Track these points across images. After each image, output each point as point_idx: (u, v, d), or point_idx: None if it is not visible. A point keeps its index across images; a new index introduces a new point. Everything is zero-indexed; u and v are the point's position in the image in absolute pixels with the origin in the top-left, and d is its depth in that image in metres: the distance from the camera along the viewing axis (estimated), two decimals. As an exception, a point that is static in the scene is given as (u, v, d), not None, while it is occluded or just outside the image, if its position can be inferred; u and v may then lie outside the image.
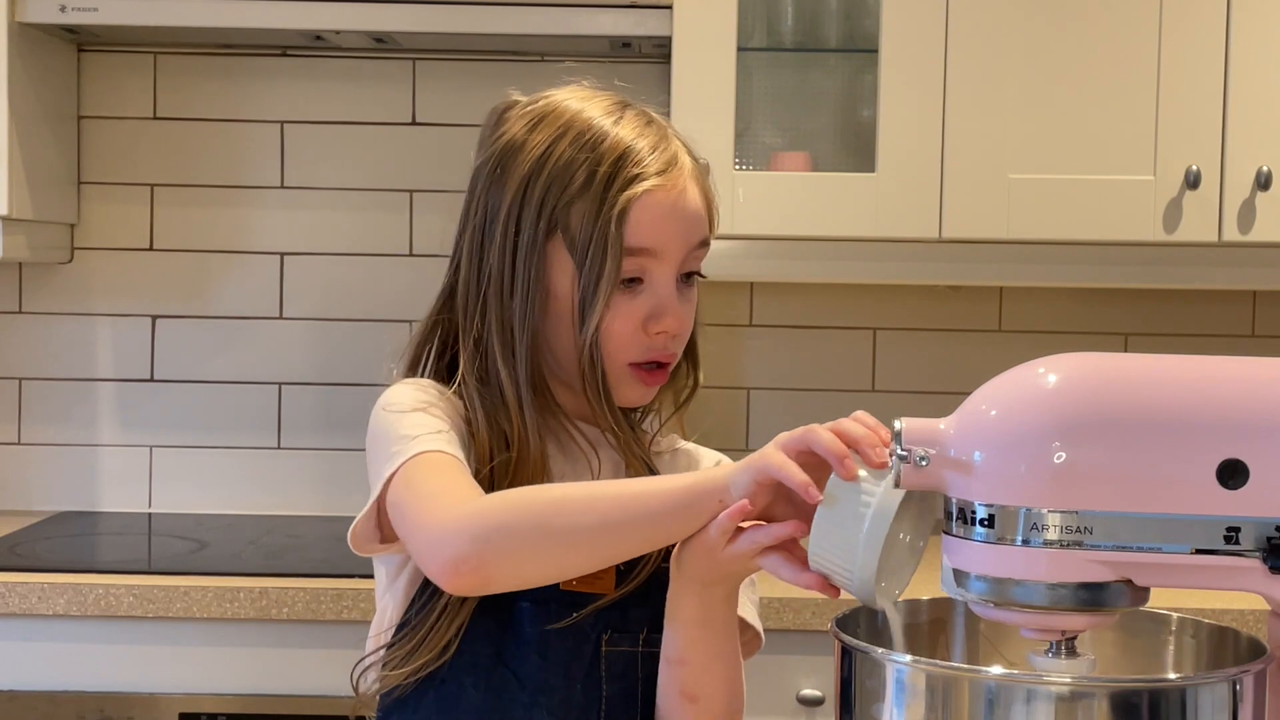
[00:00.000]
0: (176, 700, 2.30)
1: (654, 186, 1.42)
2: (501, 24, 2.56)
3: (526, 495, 1.32)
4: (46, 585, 2.28)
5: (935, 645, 1.29)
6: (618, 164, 1.42)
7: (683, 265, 1.45)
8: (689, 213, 1.45)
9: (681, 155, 1.47)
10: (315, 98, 2.91)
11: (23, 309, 2.92)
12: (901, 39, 2.56)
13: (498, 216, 1.44)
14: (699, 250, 1.46)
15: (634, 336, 1.43)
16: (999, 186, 2.56)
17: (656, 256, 1.42)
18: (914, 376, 2.94)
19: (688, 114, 2.55)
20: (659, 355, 1.45)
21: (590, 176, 1.41)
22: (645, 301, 1.43)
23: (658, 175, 1.43)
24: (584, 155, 1.42)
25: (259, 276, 2.92)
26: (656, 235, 1.42)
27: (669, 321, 1.43)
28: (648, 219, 1.42)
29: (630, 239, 1.41)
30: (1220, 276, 2.61)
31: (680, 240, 1.44)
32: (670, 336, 1.44)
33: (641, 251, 1.42)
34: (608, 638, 1.41)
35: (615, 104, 1.48)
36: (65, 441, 2.92)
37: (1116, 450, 1.07)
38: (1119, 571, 1.09)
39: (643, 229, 1.41)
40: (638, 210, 1.41)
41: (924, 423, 1.13)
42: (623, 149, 1.43)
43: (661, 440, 1.55)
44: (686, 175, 1.46)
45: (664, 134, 1.47)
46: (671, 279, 1.43)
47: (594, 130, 1.43)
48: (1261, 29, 2.55)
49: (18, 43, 2.58)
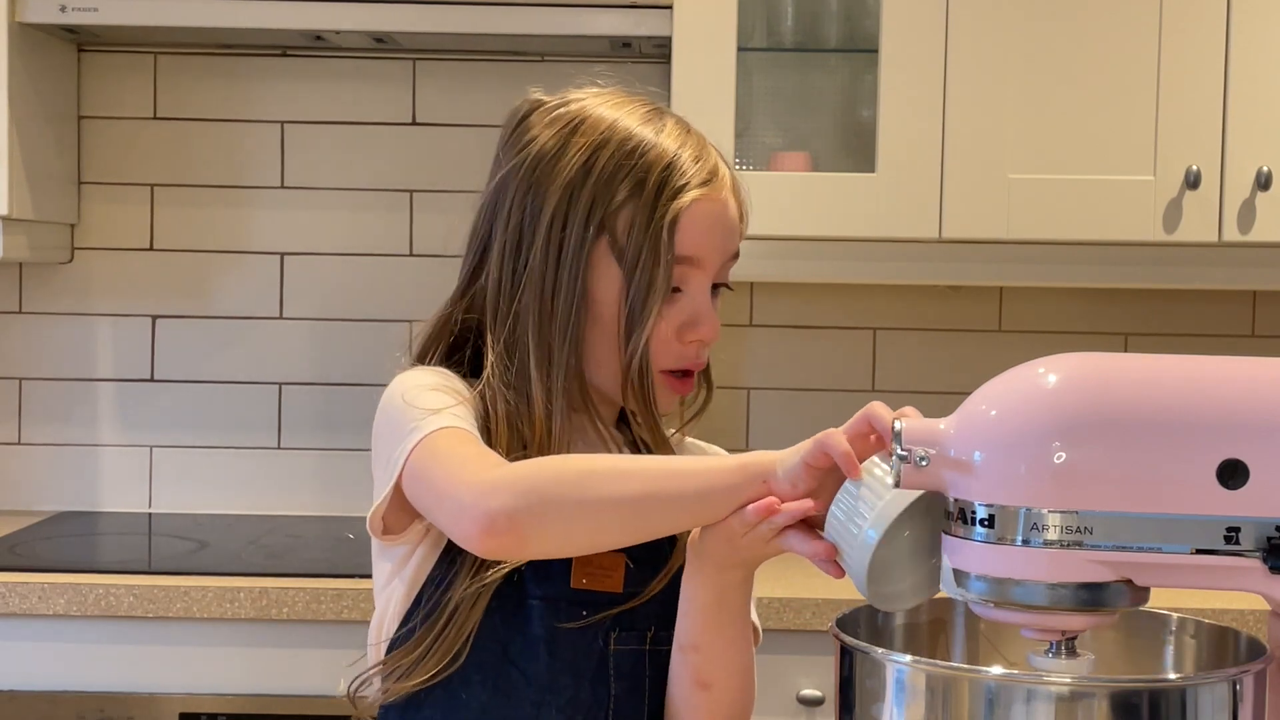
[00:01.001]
0: (176, 700, 2.30)
1: (701, 196, 1.43)
2: (501, 24, 2.56)
3: (569, 461, 1.33)
4: (46, 585, 2.28)
5: (935, 645, 1.29)
6: (665, 173, 1.43)
7: (718, 275, 1.47)
8: (730, 223, 1.47)
9: (721, 166, 1.48)
10: (315, 98, 2.91)
11: (23, 309, 2.92)
12: (901, 39, 2.56)
13: (538, 223, 1.44)
14: (732, 261, 1.48)
15: (669, 344, 1.44)
16: (999, 186, 2.56)
17: (698, 266, 1.44)
18: (914, 376, 2.94)
19: (688, 114, 2.52)
20: (690, 363, 1.46)
21: (638, 185, 1.42)
22: (682, 310, 1.44)
23: (702, 185, 1.44)
24: (629, 163, 1.43)
25: (259, 276, 2.92)
26: (700, 245, 1.43)
27: (704, 330, 1.45)
28: (694, 228, 1.43)
29: (678, 248, 1.42)
30: (1220, 276, 2.61)
31: (720, 250, 1.46)
32: (703, 345, 1.46)
33: (685, 260, 1.43)
34: (616, 636, 1.41)
35: (651, 111, 1.49)
36: (65, 441, 2.92)
37: (1116, 450, 1.07)
38: (1119, 571, 1.09)
39: (689, 238, 1.43)
40: (686, 219, 1.42)
41: (924, 423, 1.13)
42: (669, 159, 1.44)
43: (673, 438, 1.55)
44: (727, 187, 1.47)
45: (703, 144, 1.48)
46: (708, 288, 1.46)
47: (636, 139, 1.44)
48: (1261, 29, 2.55)
49: (18, 43, 2.58)
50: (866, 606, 1.25)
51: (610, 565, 1.41)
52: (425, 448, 1.32)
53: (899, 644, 1.25)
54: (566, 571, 1.40)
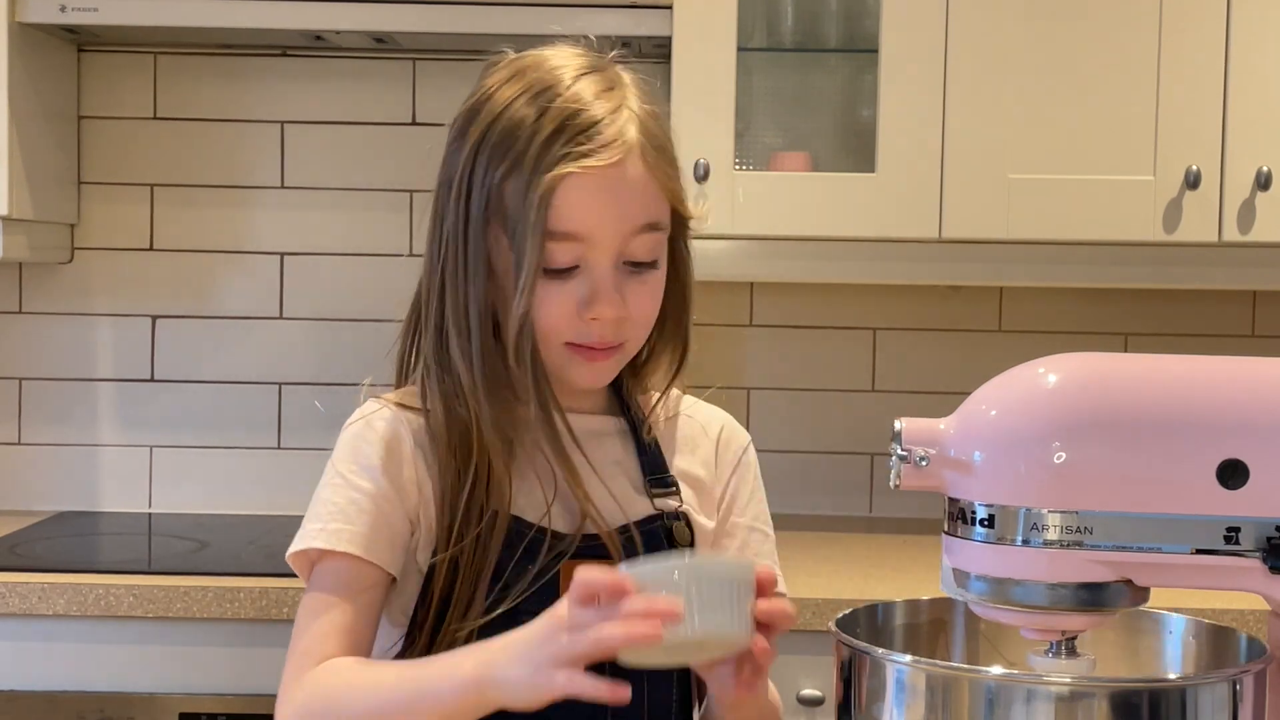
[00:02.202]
0: (176, 700, 2.30)
1: (581, 169, 1.34)
2: (501, 24, 2.56)
3: (331, 681, 1.34)
4: (46, 585, 2.28)
5: (935, 645, 1.29)
6: (552, 138, 1.35)
7: (625, 251, 1.37)
8: (624, 195, 1.36)
9: (629, 131, 1.37)
10: (315, 98, 2.91)
11: (23, 309, 2.92)
12: (901, 39, 2.56)
13: (451, 185, 1.41)
14: (646, 235, 1.38)
15: (569, 322, 1.37)
16: (999, 186, 2.56)
17: (584, 241, 1.35)
18: (914, 376, 2.94)
19: (688, 114, 2.55)
20: (594, 341, 1.39)
21: (519, 158, 1.36)
22: (580, 286, 1.36)
23: (589, 156, 1.34)
24: (530, 120, 1.36)
25: (259, 276, 2.92)
26: (584, 220, 1.34)
27: (601, 309, 1.36)
28: (573, 203, 1.34)
29: (554, 223, 1.34)
30: (1220, 276, 2.61)
31: (613, 225, 1.36)
32: (608, 323, 1.37)
33: (568, 236, 1.35)
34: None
35: (584, 66, 1.41)
36: (65, 441, 2.92)
37: (1116, 450, 1.07)
38: (1119, 571, 1.09)
39: (567, 214, 1.34)
40: (563, 192, 1.34)
41: (924, 423, 1.13)
42: (562, 120, 1.35)
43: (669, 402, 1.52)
44: (631, 153, 1.36)
45: (619, 105, 1.38)
46: (608, 265, 1.36)
47: (546, 94, 1.37)
48: (1261, 29, 2.55)
49: (18, 43, 2.58)
50: (866, 606, 1.25)
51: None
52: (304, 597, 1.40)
53: (899, 644, 1.25)
54: (557, 584, 1.38)
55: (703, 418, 1.55)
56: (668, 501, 1.46)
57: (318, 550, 1.40)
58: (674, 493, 1.47)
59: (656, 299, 1.42)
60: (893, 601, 1.28)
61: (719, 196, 2.54)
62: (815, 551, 2.61)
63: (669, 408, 1.52)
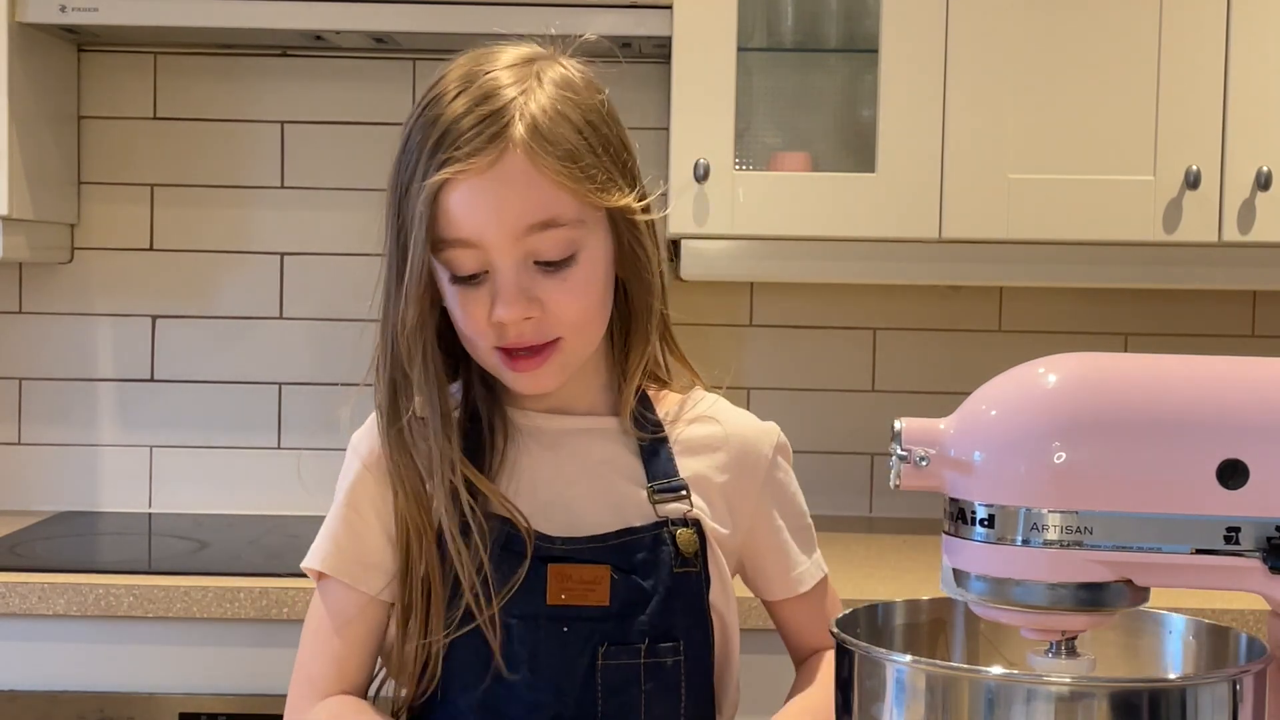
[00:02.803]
0: (176, 700, 2.30)
1: (455, 173, 1.32)
2: (502, 24, 2.55)
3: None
4: (46, 585, 2.28)
5: (935, 645, 1.29)
6: (435, 147, 1.34)
7: (526, 250, 1.34)
8: (505, 195, 1.33)
9: (512, 130, 1.33)
10: (315, 98, 2.91)
11: (23, 309, 2.92)
12: (901, 39, 2.56)
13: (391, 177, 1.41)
14: (545, 233, 1.34)
15: (484, 326, 1.36)
16: (999, 186, 2.56)
17: (480, 247, 1.33)
18: (914, 376, 2.94)
19: (688, 114, 2.55)
20: (508, 343, 1.37)
21: (416, 160, 1.36)
22: (489, 290, 1.35)
23: (463, 160, 1.32)
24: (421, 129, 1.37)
25: (259, 276, 2.92)
26: (468, 224, 1.33)
27: (500, 310, 1.34)
28: (455, 207, 1.33)
29: (443, 230, 1.33)
30: (1220, 276, 2.61)
31: (499, 227, 1.33)
32: (521, 325, 1.35)
33: (459, 243, 1.34)
34: (604, 651, 1.38)
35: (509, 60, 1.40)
36: (65, 441, 2.92)
37: (1116, 450, 1.07)
38: (1119, 571, 1.09)
39: (453, 219, 1.33)
40: (444, 199, 1.33)
41: (924, 423, 1.13)
42: (446, 127, 1.34)
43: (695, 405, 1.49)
44: (510, 153, 1.32)
45: (508, 105, 1.34)
46: (507, 266, 1.34)
47: (434, 103, 1.36)
48: (1261, 29, 2.55)
49: (18, 43, 2.58)
50: (866, 606, 1.25)
51: (592, 579, 1.38)
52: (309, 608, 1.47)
53: (899, 644, 1.25)
54: (544, 588, 1.38)
55: (728, 420, 1.50)
56: (674, 506, 1.43)
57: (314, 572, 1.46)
58: (683, 497, 1.43)
59: (582, 292, 1.37)
60: (893, 601, 1.27)
61: (719, 196, 2.54)
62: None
63: (692, 410, 1.49)
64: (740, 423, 1.51)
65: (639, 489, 1.43)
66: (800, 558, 1.51)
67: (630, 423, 1.45)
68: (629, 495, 1.43)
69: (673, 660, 1.40)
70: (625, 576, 1.39)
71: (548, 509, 1.41)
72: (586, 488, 1.43)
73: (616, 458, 1.45)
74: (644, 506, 1.43)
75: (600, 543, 1.40)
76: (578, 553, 1.39)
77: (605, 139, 1.39)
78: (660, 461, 1.45)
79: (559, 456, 1.44)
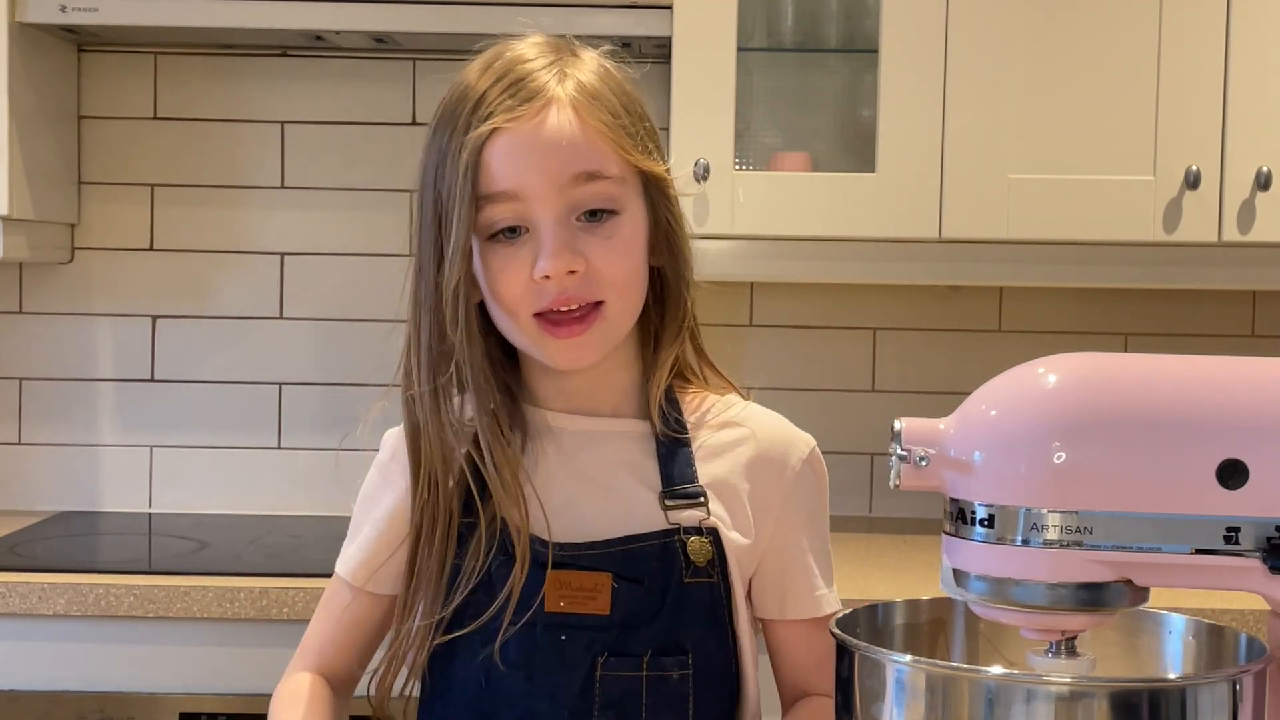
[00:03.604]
0: (176, 700, 2.30)
1: (504, 123, 1.31)
2: (501, 24, 2.53)
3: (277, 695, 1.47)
4: (46, 585, 2.28)
5: (935, 645, 1.29)
6: (473, 110, 1.33)
7: (570, 202, 1.33)
8: (551, 144, 1.32)
9: (559, 85, 1.34)
10: (315, 98, 2.91)
11: (23, 309, 2.92)
12: (901, 39, 2.57)
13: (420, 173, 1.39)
14: (589, 185, 1.33)
15: (525, 288, 1.33)
16: (999, 186, 2.56)
17: (522, 199, 1.32)
18: (914, 376, 2.94)
19: (688, 114, 2.55)
20: (550, 302, 1.33)
21: (459, 116, 1.34)
22: (530, 249, 1.33)
23: (511, 110, 1.32)
24: (471, 89, 1.35)
25: (259, 276, 2.92)
26: (512, 175, 1.31)
27: (547, 263, 1.31)
28: (500, 158, 1.31)
29: (485, 185, 1.31)
30: (1220, 276, 2.61)
31: (544, 175, 1.31)
32: (565, 281, 1.33)
33: (502, 196, 1.32)
34: (603, 661, 1.34)
35: (539, 42, 1.40)
36: (65, 441, 2.92)
37: (1116, 450, 1.07)
38: (1119, 571, 1.09)
39: (497, 171, 1.31)
40: (490, 151, 1.31)
41: (924, 423, 1.13)
42: (493, 82, 1.34)
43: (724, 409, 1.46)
44: (558, 103, 1.33)
45: (554, 63, 1.36)
46: (550, 220, 1.32)
47: (490, 66, 1.36)
48: (1261, 29, 2.55)
49: (18, 43, 2.58)
50: (866, 606, 1.25)
51: (592, 586, 1.34)
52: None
53: (899, 644, 1.25)
54: (542, 594, 1.34)
55: (759, 425, 1.47)
56: (690, 514, 1.38)
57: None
58: (699, 504, 1.39)
59: (625, 251, 1.36)
60: (893, 601, 1.27)
61: (719, 196, 2.54)
62: (815, 551, 2.60)
63: (723, 414, 1.46)
64: (772, 427, 1.47)
65: (652, 494, 1.39)
66: (819, 582, 1.45)
67: (655, 422, 1.41)
68: (641, 501, 1.39)
69: (679, 674, 1.35)
70: (628, 585, 1.35)
71: (556, 513, 1.37)
72: (598, 492, 1.39)
73: (634, 462, 1.41)
74: (655, 513, 1.38)
75: (603, 549, 1.36)
76: (578, 559, 1.36)
77: (640, 113, 1.39)
78: (678, 466, 1.40)
79: (576, 459, 1.41)
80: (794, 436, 1.48)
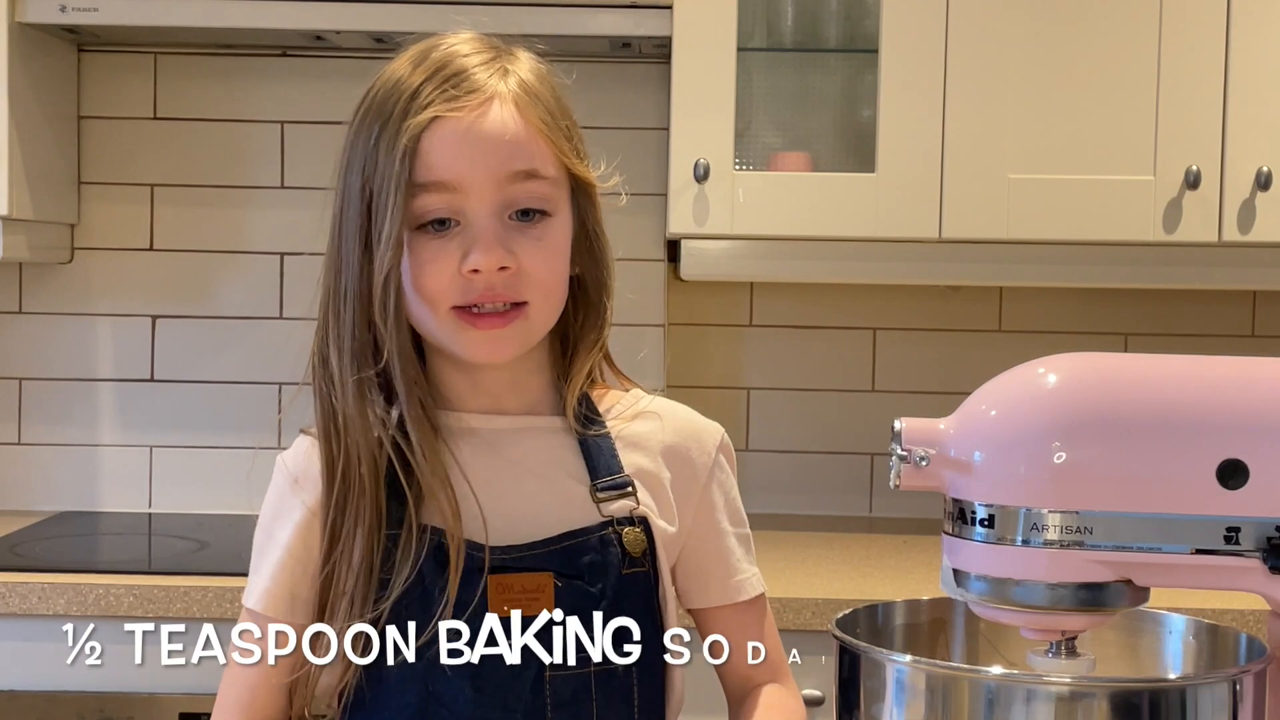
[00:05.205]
0: (176, 700, 2.30)
1: (445, 112, 1.30)
2: (501, 24, 2.53)
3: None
4: (46, 585, 2.28)
5: (935, 645, 1.29)
6: (419, 90, 1.32)
7: (506, 199, 1.31)
8: (493, 138, 1.31)
9: (501, 81, 1.34)
10: (315, 98, 2.91)
11: (23, 309, 2.92)
12: (901, 39, 2.57)
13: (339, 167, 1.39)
14: (526, 183, 1.32)
15: (451, 280, 1.31)
16: (999, 186, 2.56)
17: (457, 191, 1.30)
18: (914, 376, 2.94)
19: (688, 114, 2.55)
20: (474, 297, 1.31)
21: (395, 105, 1.33)
22: (459, 243, 1.31)
23: (454, 101, 1.31)
24: (404, 78, 1.33)
25: (259, 276, 2.92)
26: (451, 166, 1.30)
27: (478, 258, 1.29)
28: (439, 148, 1.30)
29: (421, 173, 1.30)
30: (1220, 276, 2.61)
31: (485, 169, 1.30)
32: (494, 277, 1.31)
33: (438, 186, 1.30)
34: (551, 663, 1.31)
35: (474, 38, 1.39)
36: (65, 441, 2.92)
37: (1116, 450, 1.07)
38: (1119, 571, 1.09)
39: (434, 160, 1.30)
40: (428, 140, 1.30)
41: (924, 423, 1.13)
42: (431, 71, 1.33)
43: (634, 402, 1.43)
44: (501, 99, 1.32)
45: (494, 60, 1.36)
46: (485, 214, 1.30)
47: (425, 56, 1.35)
48: (1261, 29, 2.55)
49: (18, 43, 2.58)
50: (866, 606, 1.25)
51: (535, 587, 1.31)
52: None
53: (899, 644, 1.25)
54: (485, 601, 1.31)
55: (668, 414, 1.44)
56: (620, 504, 1.36)
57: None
58: (628, 493, 1.37)
59: (553, 254, 1.34)
60: (893, 601, 1.27)
61: (719, 196, 2.54)
62: (815, 551, 2.61)
63: (635, 406, 1.43)
64: (684, 418, 1.45)
65: (581, 487, 1.37)
66: (743, 564, 1.44)
67: (572, 419, 1.39)
68: (572, 495, 1.37)
69: (624, 666, 1.33)
70: (570, 583, 1.33)
71: (484, 515, 1.34)
72: (526, 490, 1.36)
73: (557, 457, 1.38)
74: (587, 506, 1.36)
75: (542, 548, 1.34)
76: (517, 561, 1.33)
77: (572, 118, 1.39)
78: (603, 458, 1.38)
79: (495, 459, 1.38)
80: (705, 425, 1.46)
